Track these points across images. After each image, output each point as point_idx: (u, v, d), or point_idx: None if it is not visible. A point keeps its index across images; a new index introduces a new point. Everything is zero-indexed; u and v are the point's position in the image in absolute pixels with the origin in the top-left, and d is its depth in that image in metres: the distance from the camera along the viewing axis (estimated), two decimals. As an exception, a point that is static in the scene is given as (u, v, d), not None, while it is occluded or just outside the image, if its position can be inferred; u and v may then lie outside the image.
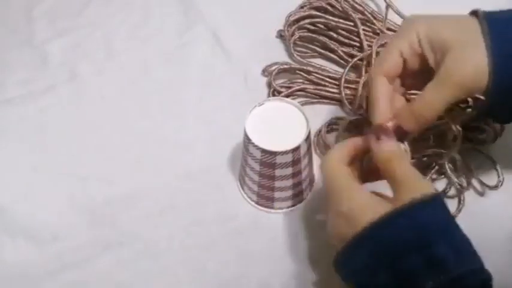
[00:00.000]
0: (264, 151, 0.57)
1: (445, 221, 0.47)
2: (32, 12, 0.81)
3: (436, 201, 0.47)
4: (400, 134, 0.53)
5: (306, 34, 0.75)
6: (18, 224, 0.63)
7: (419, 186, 0.48)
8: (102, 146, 0.69)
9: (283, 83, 0.72)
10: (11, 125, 0.71)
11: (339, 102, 0.71)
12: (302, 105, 0.69)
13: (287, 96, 0.70)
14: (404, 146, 0.53)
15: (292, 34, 0.75)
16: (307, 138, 0.59)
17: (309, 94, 0.72)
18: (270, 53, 0.76)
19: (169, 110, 0.72)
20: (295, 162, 0.59)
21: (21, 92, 0.74)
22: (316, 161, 0.64)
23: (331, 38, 0.74)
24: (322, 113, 0.71)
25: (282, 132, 0.59)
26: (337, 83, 0.71)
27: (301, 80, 0.72)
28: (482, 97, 0.52)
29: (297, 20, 0.76)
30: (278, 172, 0.59)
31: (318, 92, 0.71)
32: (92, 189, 0.66)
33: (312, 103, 0.72)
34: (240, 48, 0.77)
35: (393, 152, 0.50)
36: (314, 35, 0.75)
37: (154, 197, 0.65)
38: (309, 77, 0.72)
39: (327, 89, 0.71)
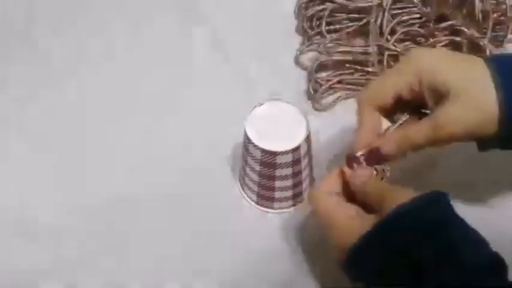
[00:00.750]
0: (264, 151, 0.57)
1: (450, 212, 0.47)
2: (31, 12, 0.81)
3: (437, 196, 0.48)
4: (377, 158, 0.53)
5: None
6: (18, 224, 0.63)
7: (402, 195, 0.48)
8: (102, 146, 0.69)
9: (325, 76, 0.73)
10: (12, 125, 0.71)
11: None
12: (343, 99, 0.72)
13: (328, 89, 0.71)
14: (383, 166, 0.54)
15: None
16: (307, 138, 0.59)
17: (349, 85, 0.72)
18: (270, 53, 0.77)
19: (169, 110, 0.72)
20: (295, 162, 0.59)
21: (21, 92, 0.74)
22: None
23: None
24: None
25: (282, 132, 0.59)
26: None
27: (340, 72, 0.73)
28: None
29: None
30: (278, 172, 0.59)
31: (358, 80, 0.72)
32: (92, 189, 0.66)
33: (355, 95, 0.71)
34: (240, 48, 0.77)
35: (366, 178, 0.52)
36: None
37: (154, 197, 0.65)
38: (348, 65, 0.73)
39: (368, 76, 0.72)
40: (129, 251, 0.62)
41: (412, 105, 0.54)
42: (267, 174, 0.59)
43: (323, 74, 0.73)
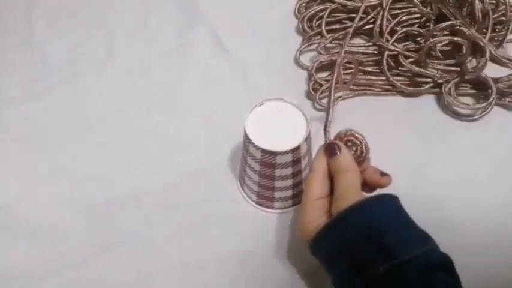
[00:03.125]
0: (264, 151, 0.57)
1: (391, 215, 0.51)
2: (32, 12, 0.81)
3: (382, 200, 0.52)
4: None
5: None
6: (18, 224, 0.63)
7: (354, 196, 0.52)
8: (102, 146, 0.69)
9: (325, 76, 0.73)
10: (11, 125, 0.71)
11: (379, 89, 0.73)
12: (343, 99, 0.72)
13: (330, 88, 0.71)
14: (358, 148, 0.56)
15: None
16: (307, 138, 0.59)
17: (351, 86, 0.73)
18: (270, 53, 0.77)
19: (169, 110, 0.72)
20: (295, 162, 0.59)
21: (21, 92, 0.74)
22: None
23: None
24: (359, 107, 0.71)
25: (282, 132, 0.59)
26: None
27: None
28: None
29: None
30: (278, 172, 0.59)
31: (358, 80, 0.72)
32: (92, 189, 0.66)
33: (356, 95, 0.73)
34: (240, 48, 0.77)
35: (342, 168, 0.54)
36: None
37: (154, 197, 0.65)
38: (349, 65, 0.73)
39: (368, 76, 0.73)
40: (129, 251, 0.62)
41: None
42: (267, 174, 0.59)
43: (323, 74, 0.73)
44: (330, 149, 0.55)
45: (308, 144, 0.60)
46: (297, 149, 0.57)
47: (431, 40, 0.71)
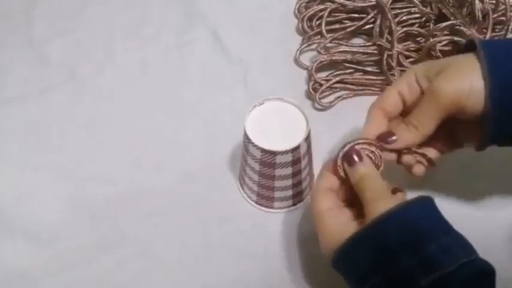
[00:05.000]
0: (263, 151, 0.57)
1: (430, 220, 0.48)
2: (32, 12, 0.81)
3: (422, 203, 0.49)
4: (388, 139, 0.54)
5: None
6: (18, 224, 0.63)
7: (389, 201, 0.49)
8: (102, 146, 0.69)
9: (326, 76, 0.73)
10: (11, 125, 0.71)
11: (379, 89, 0.73)
12: (343, 99, 0.72)
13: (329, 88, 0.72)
14: (374, 154, 0.54)
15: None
16: (307, 137, 0.59)
17: (349, 85, 0.73)
18: (270, 52, 0.77)
19: (169, 110, 0.72)
20: (295, 161, 0.59)
21: (21, 92, 0.74)
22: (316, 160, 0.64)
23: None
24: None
25: (282, 132, 0.59)
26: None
27: (340, 72, 0.73)
28: None
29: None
30: (278, 172, 0.59)
31: (358, 80, 0.73)
32: (92, 189, 0.66)
33: (355, 95, 0.73)
34: (240, 48, 0.77)
35: (363, 174, 0.52)
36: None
37: (154, 197, 0.65)
38: (349, 65, 0.73)
39: (368, 76, 0.73)
40: (129, 251, 0.62)
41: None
42: (267, 173, 0.59)
43: (323, 74, 0.73)
44: (349, 158, 0.53)
45: (308, 144, 0.60)
46: (296, 148, 0.57)
47: (431, 40, 0.71)
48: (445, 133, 0.56)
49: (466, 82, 0.51)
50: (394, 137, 0.54)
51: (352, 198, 0.53)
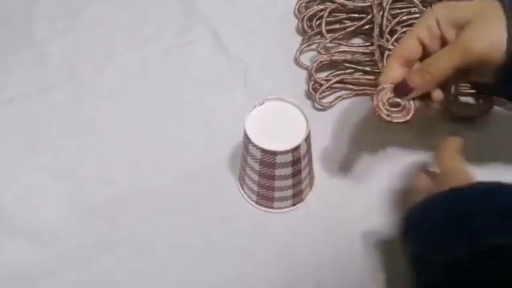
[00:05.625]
0: (264, 151, 0.57)
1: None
2: (31, 12, 0.81)
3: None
4: (405, 90, 0.55)
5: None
6: (18, 224, 0.63)
7: (462, 176, 0.52)
8: (102, 146, 0.69)
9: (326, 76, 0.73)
10: (11, 125, 0.71)
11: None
12: (343, 99, 0.72)
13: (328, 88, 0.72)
14: (406, 104, 0.56)
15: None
16: (307, 137, 0.59)
17: (349, 85, 0.73)
18: (270, 52, 0.77)
19: (169, 110, 0.72)
20: (295, 161, 0.59)
21: (21, 92, 0.74)
22: (316, 160, 0.64)
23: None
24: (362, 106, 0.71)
25: (282, 132, 0.59)
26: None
27: (340, 72, 0.73)
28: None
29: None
30: (278, 172, 0.59)
31: (358, 80, 0.73)
32: (92, 189, 0.66)
33: (355, 95, 0.73)
34: (240, 48, 0.77)
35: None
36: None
37: (154, 197, 0.65)
38: (348, 65, 0.73)
39: (367, 76, 0.73)
40: (129, 251, 0.62)
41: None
42: (267, 173, 0.59)
43: (323, 74, 0.73)
44: (400, 88, 0.55)
45: (308, 144, 0.60)
46: (296, 148, 0.57)
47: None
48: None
49: (496, 38, 0.52)
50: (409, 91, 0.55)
51: None
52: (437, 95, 0.56)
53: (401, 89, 0.55)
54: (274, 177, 0.60)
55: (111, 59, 0.76)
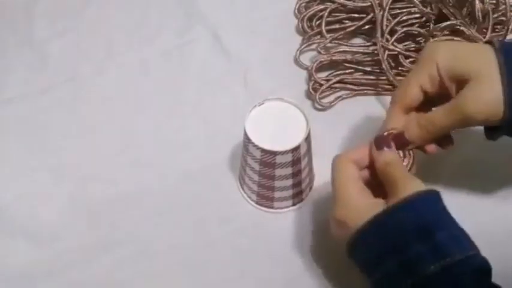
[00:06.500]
0: (263, 151, 0.57)
1: (442, 212, 0.50)
2: (31, 12, 0.81)
3: (432, 195, 0.50)
4: (403, 142, 0.55)
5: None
6: (18, 224, 0.63)
7: (414, 185, 0.50)
8: (102, 146, 0.69)
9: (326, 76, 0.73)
10: (11, 125, 0.71)
11: (379, 89, 0.73)
12: (343, 99, 0.72)
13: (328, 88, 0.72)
14: (406, 154, 0.55)
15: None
16: (307, 137, 0.59)
17: (349, 85, 0.73)
18: (270, 52, 0.77)
19: (169, 110, 0.72)
20: (295, 162, 0.59)
21: (21, 92, 0.74)
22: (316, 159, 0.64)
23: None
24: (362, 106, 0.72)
25: (282, 132, 0.59)
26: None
27: (340, 72, 0.73)
28: None
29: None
30: (278, 172, 0.59)
31: (358, 80, 0.73)
32: (92, 189, 0.66)
33: (355, 95, 0.73)
34: (240, 48, 0.77)
35: (390, 159, 0.53)
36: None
37: (154, 197, 0.65)
38: (348, 65, 0.73)
39: (367, 76, 0.73)
40: (129, 251, 0.62)
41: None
42: (267, 173, 0.59)
43: (323, 74, 0.73)
44: (379, 143, 0.54)
45: (308, 144, 0.60)
46: (297, 148, 0.57)
47: (431, 40, 0.71)
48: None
49: (492, 102, 0.51)
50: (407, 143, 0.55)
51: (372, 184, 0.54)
52: (431, 149, 0.57)
53: (399, 141, 0.55)
54: (274, 177, 0.60)
55: (111, 59, 0.76)
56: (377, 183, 0.53)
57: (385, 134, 0.55)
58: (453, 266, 0.46)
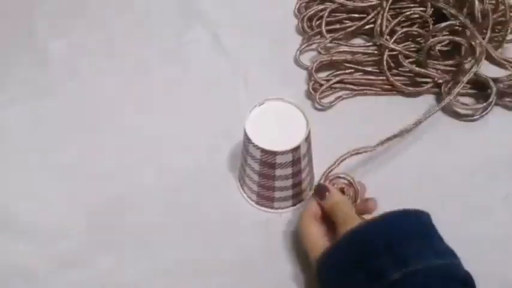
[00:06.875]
0: (263, 151, 0.57)
1: (413, 226, 0.53)
2: (32, 12, 0.81)
3: (404, 212, 0.53)
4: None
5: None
6: (18, 224, 0.63)
7: (356, 221, 0.54)
8: (102, 146, 0.69)
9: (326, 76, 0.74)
10: (11, 125, 0.71)
11: (379, 89, 0.73)
12: (343, 99, 0.72)
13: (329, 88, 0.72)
14: (345, 189, 0.59)
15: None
16: (307, 137, 0.59)
17: (349, 85, 0.73)
18: (270, 52, 0.77)
19: (169, 109, 0.72)
20: (295, 162, 0.59)
21: (21, 92, 0.74)
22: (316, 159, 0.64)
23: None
24: (362, 106, 0.72)
25: (282, 132, 0.59)
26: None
27: (340, 72, 0.74)
28: None
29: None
30: (278, 172, 0.59)
31: (358, 80, 0.73)
32: (92, 189, 0.66)
33: (355, 95, 0.73)
34: (240, 48, 0.77)
35: (335, 202, 0.57)
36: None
37: (154, 197, 0.65)
38: (348, 65, 0.74)
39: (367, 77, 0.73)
40: (129, 251, 0.62)
41: None
42: (267, 174, 0.59)
43: (323, 74, 0.73)
44: (319, 192, 0.58)
45: (308, 144, 0.60)
46: (296, 149, 0.57)
47: (431, 40, 0.71)
48: None
49: None
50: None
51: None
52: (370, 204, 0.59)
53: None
54: (274, 177, 0.60)
55: (111, 58, 0.76)
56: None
57: (322, 181, 0.59)
58: (415, 274, 0.48)
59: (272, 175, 0.59)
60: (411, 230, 0.52)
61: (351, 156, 0.61)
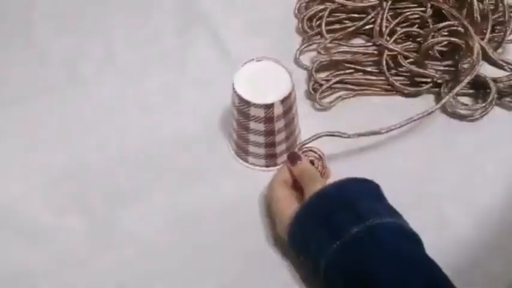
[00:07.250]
0: (240, 98, 0.60)
1: (367, 192, 0.57)
2: (32, 12, 0.81)
3: (360, 180, 0.57)
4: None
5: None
6: (18, 223, 0.63)
7: (321, 183, 0.58)
8: (102, 146, 0.69)
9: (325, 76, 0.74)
10: (11, 125, 0.71)
11: (379, 89, 0.73)
12: (343, 99, 0.72)
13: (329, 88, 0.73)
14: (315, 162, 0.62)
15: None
16: (286, 101, 0.60)
17: (349, 85, 0.73)
18: (270, 53, 0.76)
19: (168, 109, 0.72)
20: (268, 120, 0.60)
21: (21, 92, 0.74)
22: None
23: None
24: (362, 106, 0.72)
25: (265, 89, 0.61)
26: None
27: (340, 72, 0.74)
28: None
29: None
30: (252, 125, 0.61)
31: (358, 80, 0.73)
32: (92, 189, 0.66)
33: (355, 95, 0.73)
34: (240, 48, 0.77)
35: (304, 168, 0.61)
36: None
37: (154, 197, 0.65)
38: (348, 65, 0.74)
39: (367, 76, 0.73)
40: (129, 251, 0.62)
41: None
42: (243, 123, 0.62)
43: (323, 74, 0.74)
44: (291, 159, 0.61)
45: (287, 108, 0.61)
46: (269, 106, 0.59)
47: (430, 40, 0.71)
48: None
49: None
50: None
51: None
52: None
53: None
54: (248, 129, 0.62)
55: (111, 59, 0.77)
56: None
57: (296, 150, 0.62)
58: (372, 227, 0.52)
59: (246, 126, 0.62)
60: (368, 192, 0.57)
61: (326, 136, 0.63)
